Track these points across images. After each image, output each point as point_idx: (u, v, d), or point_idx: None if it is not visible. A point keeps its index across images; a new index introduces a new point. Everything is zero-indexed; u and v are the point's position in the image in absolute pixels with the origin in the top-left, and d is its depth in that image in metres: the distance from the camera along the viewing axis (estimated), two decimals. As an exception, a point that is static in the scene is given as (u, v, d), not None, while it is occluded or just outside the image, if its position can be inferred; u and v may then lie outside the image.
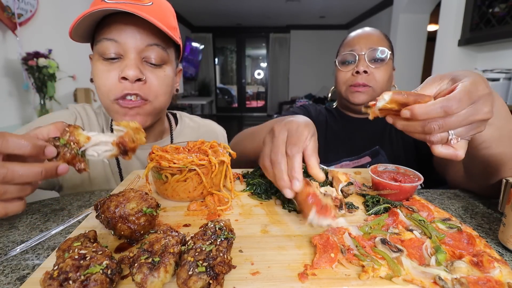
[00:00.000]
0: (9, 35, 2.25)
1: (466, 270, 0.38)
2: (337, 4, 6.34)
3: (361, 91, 0.97)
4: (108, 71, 0.69)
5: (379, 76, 0.97)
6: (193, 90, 8.92)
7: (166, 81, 0.75)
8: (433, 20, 4.68)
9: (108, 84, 0.69)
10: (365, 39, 0.99)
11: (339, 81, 1.04)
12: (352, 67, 0.99)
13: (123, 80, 0.69)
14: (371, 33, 1.01)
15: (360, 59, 0.97)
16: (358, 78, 0.96)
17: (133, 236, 0.46)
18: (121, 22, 0.67)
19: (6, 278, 0.42)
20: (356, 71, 0.96)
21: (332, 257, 0.41)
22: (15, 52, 2.26)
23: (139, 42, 0.68)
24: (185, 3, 6.28)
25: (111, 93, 0.70)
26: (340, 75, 1.03)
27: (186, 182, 0.60)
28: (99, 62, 0.71)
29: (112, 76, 0.69)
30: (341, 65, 1.02)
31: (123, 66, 0.68)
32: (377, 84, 0.97)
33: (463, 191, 0.75)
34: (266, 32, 9.20)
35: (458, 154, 0.47)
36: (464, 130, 0.45)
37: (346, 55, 1.00)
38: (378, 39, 0.99)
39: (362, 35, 1.01)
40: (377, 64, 0.97)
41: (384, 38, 1.02)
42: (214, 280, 0.35)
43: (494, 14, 2.75)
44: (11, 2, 2.17)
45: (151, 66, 0.72)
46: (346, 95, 1.02)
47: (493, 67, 2.89)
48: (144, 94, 0.71)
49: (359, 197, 0.65)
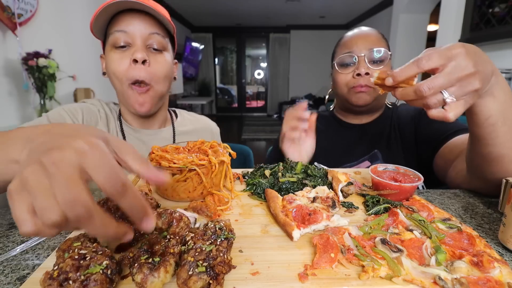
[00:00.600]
0: (9, 35, 2.25)
1: (466, 270, 0.38)
2: (337, 4, 6.34)
3: (364, 91, 0.95)
4: (121, 58, 0.82)
5: None
6: (193, 90, 8.92)
7: (166, 65, 0.87)
8: (433, 20, 4.68)
9: (122, 69, 0.82)
10: (363, 40, 0.96)
11: (339, 84, 1.00)
12: (352, 69, 0.96)
13: (133, 64, 0.81)
14: (369, 33, 0.99)
15: (360, 61, 0.94)
16: (360, 80, 0.94)
17: (133, 236, 0.46)
18: (128, 17, 0.81)
19: (6, 278, 0.42)
20: (357, 74, 0.94)
21: (332, 257, 0.41)
22: (15, 52, 2.26)
23: (143, 31, 0.82)
24: (185, 3, 6.28)
25: (125, 78, 0.82)
26: (340, 77, 1.00)
27: (186, 182, 0.60)
28: (112, 52, 0.83)
29: (125, 62, 0.82)
30: (340, 67, 0.99)
31: (132, 51, 0.81)
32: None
33: (463, 191, 0.75)
34: (266, 32, 9.20)
35: (448, 115, 0.50)
36: (457, 90, 0.49)
37: (344, 57, 0.97)
38: (376, 39, 0.97)
39: (360, 35, 0.98)
40: (377, 65, 0.95)
41: (382, 37, 1.00)
42: (214, 280, 0.35)
43: (494, 14, 2.75)
44: (11, 2, 2.17)
45: (153, 52, 0.85)
46: (349, 97, 0.99)
47: (493, 67, 2.89)
48: (148, 78, 0.83)
49: (359, 197, 0.65)
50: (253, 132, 7.17)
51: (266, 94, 9.96)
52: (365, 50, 0.95)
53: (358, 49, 0.95)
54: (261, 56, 10.79)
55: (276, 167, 0.76)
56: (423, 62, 0.48)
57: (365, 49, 0.95)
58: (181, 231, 0.44)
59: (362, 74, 0.93)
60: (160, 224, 0.45)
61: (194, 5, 6.45)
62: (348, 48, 0.97)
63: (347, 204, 0.60)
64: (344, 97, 1.02)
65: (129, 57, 0.81)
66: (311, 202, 0.57)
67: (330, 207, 0.56)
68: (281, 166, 0.76)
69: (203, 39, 9.03)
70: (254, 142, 6.25)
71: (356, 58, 0.95)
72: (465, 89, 0.48)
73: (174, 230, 0.44)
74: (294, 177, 0.69)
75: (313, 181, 0.68)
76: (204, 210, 0.54)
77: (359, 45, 0.95)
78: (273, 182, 0.69)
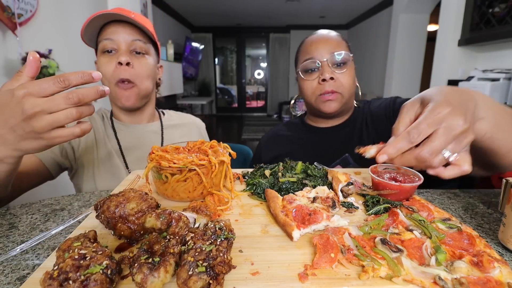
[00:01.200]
0: (9, 35, 2.25)
1: (466, 270, 0.38)
2: (337, 4, 6.34)
3: (332, 99, 0.95)
4: (109, 61, 0.95)
5: (345, 80, 0.95)
6: (193, 90, 8.92)
7: (147, 67, 1.00)
8: (433, 20, 4.68)
9: (109, 70, 0.94)
10: (323, 44, 0.96)
11: (306, 91, 1.00)
12: (316, 74, 0.96)
13: (119, 66, 0.94)
14: (329, 37, 0.98)
15: (323, 66, 0.94)
16: (326, 86, 0.94)
17: (133, 236, 0.46)
18: (114, 27, 0.95)
19: (6, 278, 0.42)
20: (323, 79, 0.93)
21: (332, 257, 0.41)
22: (15, 52, 2.26)
23: (127, 38, 0.96)
24: (185, 3, 6.28)
25: (112, 78, 0.95)
26: (306, 84, 0.99)
27: (186, 182, 0.60)
28: (102, 56, 0.96)
29: (111, 64, 0.95)
30: (304, 74, 0.99)
31: (118, 55, 0.95)
32: (345, 89, 0.96)
33: (463, 191, 0.75)
34: (266, 32, 9.20)
35: (464, 169, 0.49)
36: (455, 146, 0.48)
37: (307, 63, 0.96)
38: (336, 42, 0.96)
39: (320, 40, 0.98)
40: (341, 68, 0.95)
41: (342, 39, 1.00)
42: (214, 280, 0.35)
43: (494, 14, 2.75)
44: (11, 2, 2.17)
45: (136, 55, 0.98)
46: (317, 106, 0.99)
47: (493, 67, 2.89)
48: (132, 77, 0.96)
49: (359, 197, 0.65)
50: (253, 132, 7.17)
51: (266, 94, 9.96)
52: (327, 55, 0.94)
53: (319, 54, 0.95)
54: (261, 56, 10.78)
55: (276, 167, 0.76)
56: (415, 136, 0.47)
57: (326, 53, 0.94)
58: (180, 231, 0.44)
59: (327, 79, 0.93)
60: (159, 224, 0.45)
61: (194, 5, 6.45)
62: (309, 54, 0.97)
63: (347, 204, 0.60)
64: (312, 105, 1.02)
65: (115, 60, 0.94)
66: (311, 202, 0.57)
67: (330, 207, 0.56)
68: (281, 166, 0.76)
69: (203, 39, 9.03)
70: (254, 142, 6.25)
71: (319, 63, 0.95)
72: (462, 144, 0.48)
73: (173, 230, 0.44)
74: (294, 177, 0.69)
75: (313, 181, 0.68)
76: (204, 210, 0.54)
77: (320, 50, 0.95)
78: (273, 182, 0.69)
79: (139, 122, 1.10)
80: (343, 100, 0.97)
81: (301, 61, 1.00)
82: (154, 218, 0.45)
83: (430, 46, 3.97)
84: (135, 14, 0.96)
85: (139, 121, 1.10)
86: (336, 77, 0.94)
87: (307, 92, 1.00)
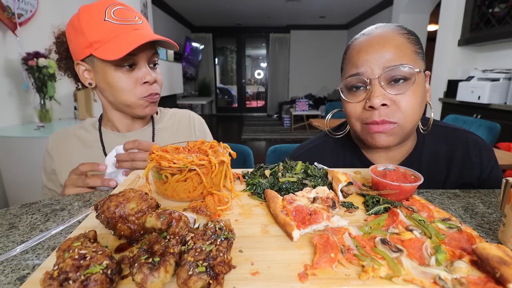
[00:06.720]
0: (9, 35, 2.25)
1: (466, 270, 0.38)
2: (337, 4, 6.34)
3: (382, 131, 0.69)
4: (129, 77, 0.91)
5: (406, 104, 0.67)
6: (193, 90, 8.92)
7: (161, 76, 1.02)
8: (433, 20, 4.68)
9: (131, 86, 0.91)
10: (376, 53, 0.68)
11: (348, 116, 0.76)
12: (362, 96, 0.71)
13: (144, 84, 0.93)
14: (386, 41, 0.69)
15: (373, 85, 0.68)
16: (375, 114, 0.69)
17: (133, 236, 0.46)
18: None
19: (6, 278, 0.42)
20: (370, 106, 0.68)
21: (332, 257, 0.41)
22: (15, 52, 2.26)
23: (148, 54, 0.93)
24: (185, 3, 6.28)
25: (138, 93, 0.93)
26: (349, 108, 0.74)
27: (186, 182, 0.60)
28: (119, 71, 0.89)
29: (132, 81, 0.91)
30: (347, 93, 0.74)
31: (141, 73, 0.91)
32: (404, 117, 0.68)
33: (463, 191, 0.75)
34: (266, 32, 9.21)
35: None
36: None
37: (351, 80, 0.71)
38: (396, 49, 0.67)
39: (373, 45, 0.69)
40: (400, 88, 0.67)
41: (407, 42, 0.69)
42: (214, 280, 0.35)
43: (494, 14, 2.75)
44: (11, 2, 2.17)
45: (153, 68, 0.97)
46: (364, 137, 0.75)
47: (493, 67, 2.89)
48: (159, 90, 0.99)
49: (359, 197, 0.65)
50: (253, 132, 7.17)
51: (266, 94, 9.96)
52: (379, 70, 0.67)
53: (369, 69, 0.69)
54: (261, 56, 10.78)
55: (276, 167, 0.76)
56: None
57: (379, 67, 0.67)
58: (180, 231, 0.44)
59: (376, 106, 0.67)
60: (159, 224, 0.45)
61: (194, 5, 6.45)
62: (356, 67, 0.71)
63: (347, 204, 0.60)
64: (358, 133, 0.77)
65: (135, 76, 0.91)
66: (311, 202, 0.57)
67: (330, 208, 0.56)
68: (281, 166, 0.76)
69: (203, 39, 9.03)
70: (254, 142, 6.25)
71: (368, 81, 0.69)
72: None
73: (173, 230, 0.44)
74: (294, 177, 0.69)
75: (313, 181, 0.68)
76: (204, 210, 0.54)
77: (370, 63, 0.68)
78: (273, 182, 0.69)
79: (135, 128, 1.07)
80: (402, 132, 0.71)
81: (345, 75, 0.75)
82: (155, 218, 0.45)
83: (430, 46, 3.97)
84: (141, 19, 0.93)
85: (137, 127, 1.07)
86: (391, 101, 0.68)
87: (350, 117, 0.76)
